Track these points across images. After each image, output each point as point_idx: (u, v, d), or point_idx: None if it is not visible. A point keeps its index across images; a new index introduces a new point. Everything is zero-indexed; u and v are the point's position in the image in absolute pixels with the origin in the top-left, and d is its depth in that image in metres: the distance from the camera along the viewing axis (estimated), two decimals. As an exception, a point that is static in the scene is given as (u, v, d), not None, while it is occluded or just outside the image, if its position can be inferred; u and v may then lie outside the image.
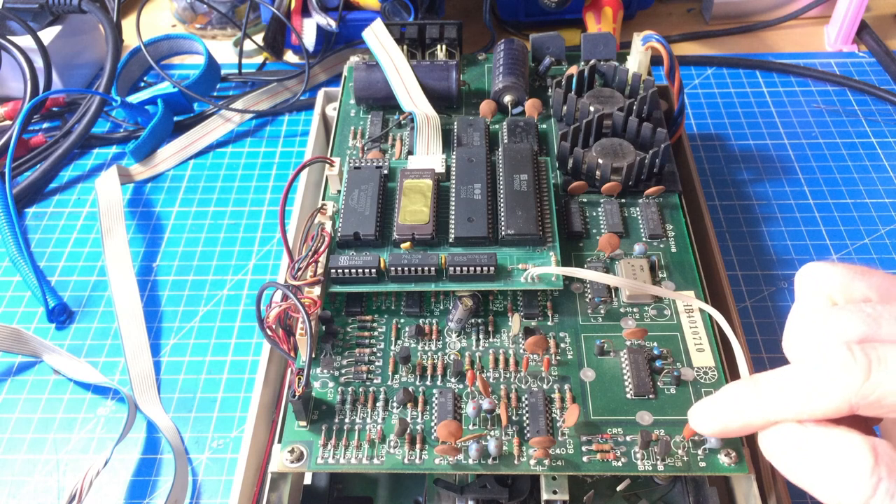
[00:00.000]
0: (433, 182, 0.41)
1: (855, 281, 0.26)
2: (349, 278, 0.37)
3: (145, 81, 0.67)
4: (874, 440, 0.22)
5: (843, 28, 0.67)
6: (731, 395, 0.26)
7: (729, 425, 0.26)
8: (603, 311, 0.38)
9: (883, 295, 0.26)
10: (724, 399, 0.26)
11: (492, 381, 0.35)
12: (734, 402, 0.26)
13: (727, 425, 0.26)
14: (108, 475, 0.41)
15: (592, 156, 0.43)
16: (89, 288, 0.51)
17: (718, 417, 0.27)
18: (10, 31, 0.62)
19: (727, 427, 0.27)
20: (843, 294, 0.26)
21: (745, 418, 0.26)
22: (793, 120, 0.61)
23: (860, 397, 0.22)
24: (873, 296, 0.26)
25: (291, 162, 0.59)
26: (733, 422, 0.26)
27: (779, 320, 0.47)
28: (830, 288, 0.26)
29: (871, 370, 0.22)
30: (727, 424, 0.26)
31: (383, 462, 0.33)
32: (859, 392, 0.22)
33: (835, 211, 0.53)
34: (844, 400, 0.23)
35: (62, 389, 0.45)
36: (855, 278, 0.26)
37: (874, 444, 0.22)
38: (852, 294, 0.26)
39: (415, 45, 0.52)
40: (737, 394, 0.26)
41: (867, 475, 0.22)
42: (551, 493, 0.32)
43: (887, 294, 0.26)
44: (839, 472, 0.23)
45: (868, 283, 0.26)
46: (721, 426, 0.27)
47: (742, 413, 0.26)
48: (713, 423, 0.27)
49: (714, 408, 0.27)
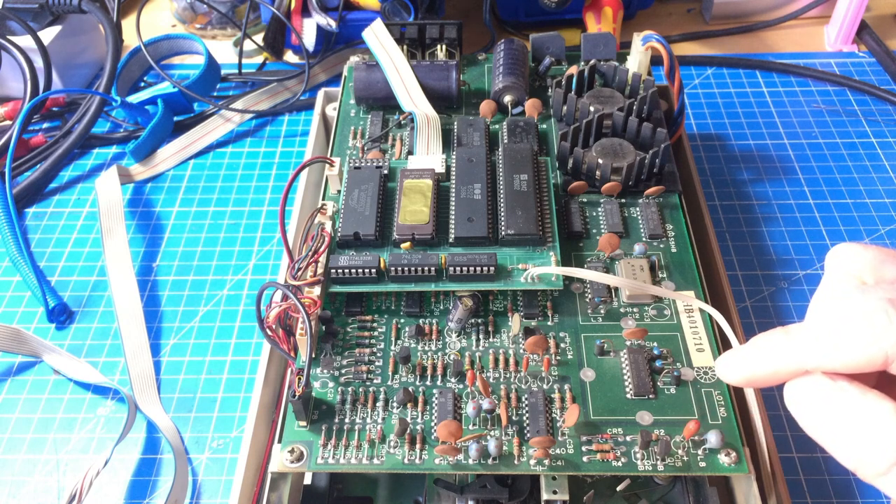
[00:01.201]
0: (433, 182, 0.41)
1: (887, 263, 0.26)
2: (349, 278, 0.37)
3: (145, 81, 0.67)
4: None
5: (843, 28, 0.67)
6: (761, 342, 0.26)
7: (757, 372, 0.26)
8: (603, 311, 0.38)
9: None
10: (754, 346, 0.26)
11: (492, 381, 0.35)
12: (764, 349, 0.25)
13: (755, 372, 0.26)
14: (108, 475, 0.41)
15: (592, 156, 0.43)
16: (89, 288, 0.51)
17: (747, 364, 0.26)
18: (10, 31, 0.62)
19: (755, 374, 0.26)
20: (875, 275, 0.26)
21: (774, 365, 0.25)
22: (793, 120, 0.61)
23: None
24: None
25: (291, 162, 0.59)
26: (762, 368, 0.25)
27: (779, 320, 0.47)
28: (861, 269, 0.26)
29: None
30: (755, 371, 0.26)
31: (383, 462, 0.33)
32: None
33: (835, 211, 0.53)
34: (881, 350, 0.22)
35: (62, 389, 0.45)
36: (887, 261, 0.26)
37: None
38: (884, 275, 0.25)
39: (415, 45, 0.52)
40: (768, 340, 0.25)
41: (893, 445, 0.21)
42: (551, 493, 0.32)
43: None
44: (864, 434, 0.22)
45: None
46: (749, 373, 0.26)
47: (772, 359, 0.25)
48: (742, 369, 0.26)
49: (743, 354, 0.26)
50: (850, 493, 0.39)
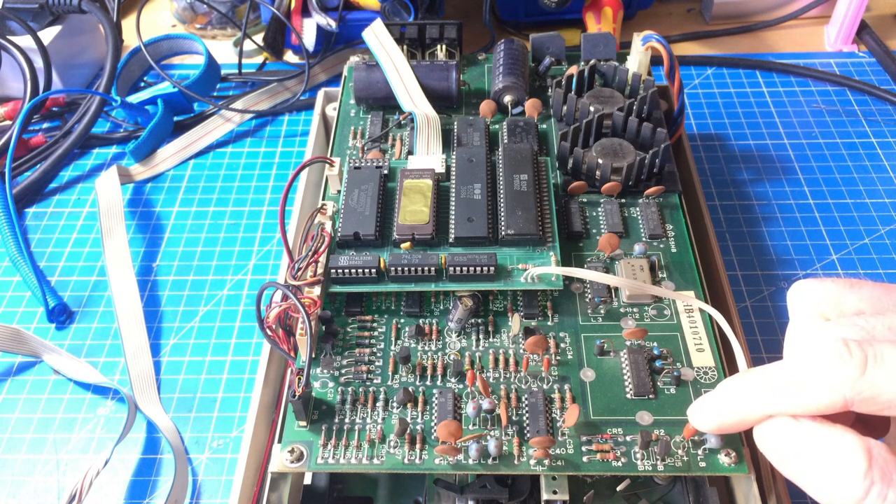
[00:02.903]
0: (433, 182, 0.41)
1: (845, 294, 0.26)
2: (349, 278, 0.37)
3: (145, 81, 0.67)
4: (869, 441, 0.22)
5: (843, 28, 0.67)
6: (726, 390, 0.26)
7: (725, 420, 0.26)
8: (603, 311, 0.38)
9: (875, 306, 0.25)
10: (720, 394, 0.26)
11: (492, 381, 0.35)
12: (729, 397, 0.26)
13: (723, 420, 0.26)
14: (108, 475, 0.41)
15: (592, 156, 0.43)
16: (89, 288, 0.51)
17: (715, 413, 0.27)
18: (10, 31, 0.62)
19: (723, 422, 0.26)
20: (835, 309, 0.26)
21: (740, 412, 0.25)
22: (793, 120, 0.61)
23: (855, 392, 0.22)
24: (865, 307, 0.26)
25: (291, 162, 0.59)
26: (729, 416, 0.26)
27: (779, 320, 0.47)
28: (821, 304, 0.26)
29: (866, 365, 0.22)
30: (723, 420, 0.26)
31: (383, 462, 0.33)
32: (854, 387, 0.22)
33: (835, 211, 0.53)
34: (839, 394, 0.23)
35: (62, 389, 0.45)
36: (844, 292, 0.26)
37: (869, 446, 0.22)
38: (843, 308, 0.26)
39: (415, 45, 0.52)
40: (732, 388, 0.26)
41: (860, 477, 0.22)
42: (551, 493, 0.32)
43: (879, 305, 0.25)
44: (832, 470, 0.22)
45: (859, 296, 0.26)
46: (717, 422, 0.27)
47: (737, 407, 0.26)
48: (710, 418, 0.27)
49: (710, 403, 0.27)
50: (850, 493, 0.39)
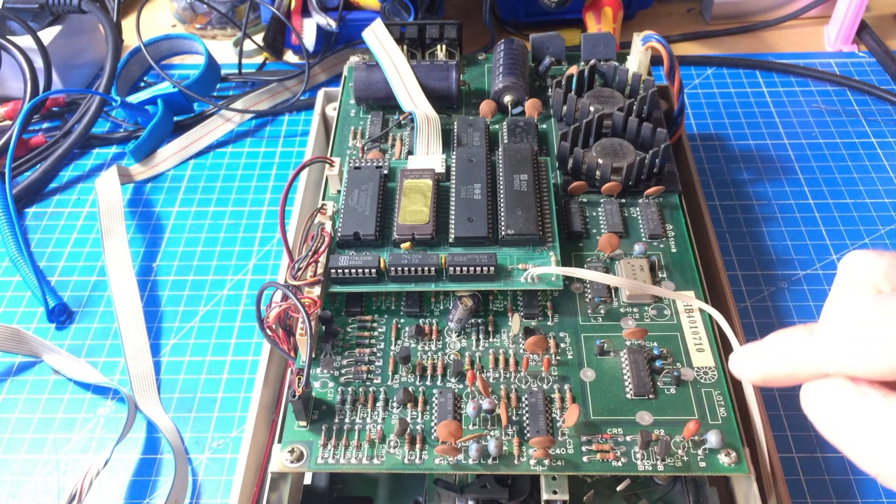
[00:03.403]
0: (433, 182, 0.41)
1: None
2: (349, 278, 0.37)
3: (145, 81, 0.67)
4: None
5: (843, 28, 0.67)
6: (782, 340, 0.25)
7: (775, 370, 0.25)
8: (603, 311, 0.38)
9: None
10: (774, 343, 0.25)
11: (492, 381, 0.35)
12: (784, 347, 0.24)
13: (773, 370, 0.25)
14: (108, 475, 0.41)
15: (592, 156, 0.43)
16: (89, 288, 0.51)
17: (765, 361, 0.25)
18: (10, 31, 0.62)
19: (772, 372, 0.25)
20: (891, 283, 0.25)
21: (794, 365, 0.24)
22: (793, 120, 0.61)
23: None
24: None
25: (291, 162, 0.59)
26: (781, 367, 0.24)
27: (779, 320, 0.47)
28: (877, 276, 0.25)
29: None
30: (773, 369, 0.25)
31: (383, 462, 0.33)
32: None
33: (835, 211, 0.53)
34: None
35: (62, 389, 0.45)
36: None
37: None
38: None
39: (415, 45, 0.52)
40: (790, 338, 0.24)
41: None
42: (551, 493, 0.32)
43: None
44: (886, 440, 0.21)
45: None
46: (767, 371, 0.25)
47: (793, 359, 0.24)
48: (759, 367, 0.25)
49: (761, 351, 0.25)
50: (850, 493, 0.39)
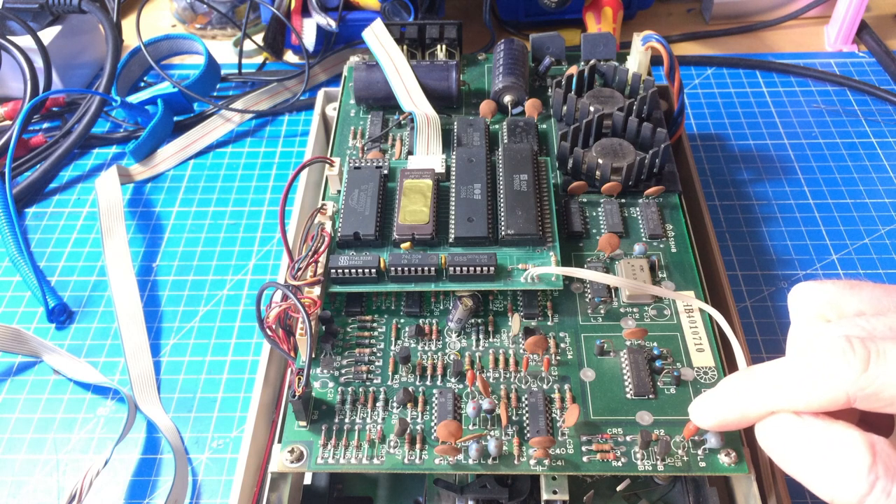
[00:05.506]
0: (433, 182, 0.41)
1: (845, 296, 0.26)
2: (349, 278, 0.37)
3: (145, 81, 0.67)
4: (872, 437, 0.22)
5: (843, 28, 0.67)
6: (728, 387, 0.26)
7: (727, 417, 0.26)
8: (603, 311, 0.38)
9: (875, 307, 0.26)
10: (722, 391, 0.26)
11: (492, 381, 0.35)
12: (731, 393, 0.26)
13: (725, 417, 0.26)
14: (108, 475, 0.41)
15: (592, 156, 0.43)
16: (89, 288, 0.51)
17: (716, 410, 0.27)
18: (10, 31, 0.62)
19: (725, 419, 0.26)
20: (836, 311, 0.26)
21: (742, 409, 0.26)
22: (793, 120, 0.61)
23: (857, 388, 0.22)
24: (866, 308, 0.26)
25: (291, 162, 0.59)
26: (731, 413, 0.26)
27: (779, 320, 0.47)
28: (821, 306, 0.26)
29: (869, 361, 0.22)
30: (725, 416, 0.26)
31: (383, 462, 0.33)
32: (857, 383, 0.22)
33: (835, 211, 0.53)
34: (842, 390, 0.23)
35: (62, 389, 0.45)
36: (844, 293, 0.26)
37: (872, 442, 0.22)
38: (844, 310, 0.26)
39: (415, 45, 0.52)
40: (733, 385, 0.26)
41: (864, 473, 0.22)
42: (551, 493, 0.32)
43: (879, 305, 0.26)
44: (835, 467, 0.22)
45: (859, 297, 0.26)
46: (719, 419, 0.27)
47: (739, 404, 0.26)
48: (712, 415, 0.27)
49: (712, 400, 0.27)
50: (850, 493, 0.39)
